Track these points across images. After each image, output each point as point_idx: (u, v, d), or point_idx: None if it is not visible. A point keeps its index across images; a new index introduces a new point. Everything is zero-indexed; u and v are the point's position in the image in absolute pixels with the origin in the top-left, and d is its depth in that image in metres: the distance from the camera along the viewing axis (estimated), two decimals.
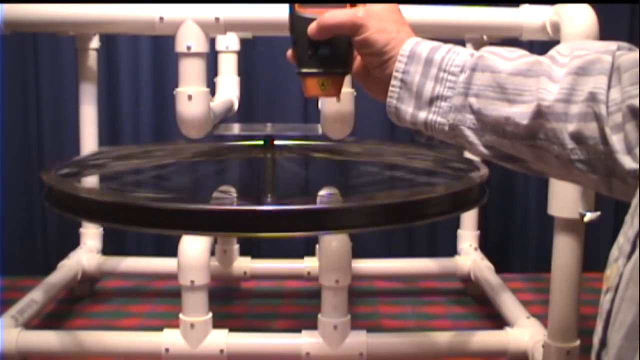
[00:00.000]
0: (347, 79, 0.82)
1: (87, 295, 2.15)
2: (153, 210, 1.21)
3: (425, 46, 0.70)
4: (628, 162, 0.56)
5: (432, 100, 0.68)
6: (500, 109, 0.64)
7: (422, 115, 0.69)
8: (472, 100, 0.66)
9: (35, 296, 1.78)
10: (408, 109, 0.70)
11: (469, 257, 2.15)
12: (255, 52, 2.35)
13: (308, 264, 2.09)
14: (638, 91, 0.54)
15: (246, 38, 2.13)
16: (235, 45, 2.08)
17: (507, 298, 1.85)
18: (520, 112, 0.62)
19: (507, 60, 0.68)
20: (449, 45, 0.70)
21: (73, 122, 2.13)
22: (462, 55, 0.69)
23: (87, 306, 2.09)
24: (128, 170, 1.63)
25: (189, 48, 1.43)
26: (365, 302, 2.09)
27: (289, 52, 0.84)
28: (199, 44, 1.44)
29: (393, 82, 0.70)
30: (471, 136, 0.67)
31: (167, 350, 1.55)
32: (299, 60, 0.83)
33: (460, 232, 2.21)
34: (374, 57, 0.71)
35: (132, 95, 2.38)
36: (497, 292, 1.91)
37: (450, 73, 0.68)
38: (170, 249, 1.77)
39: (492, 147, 0.67)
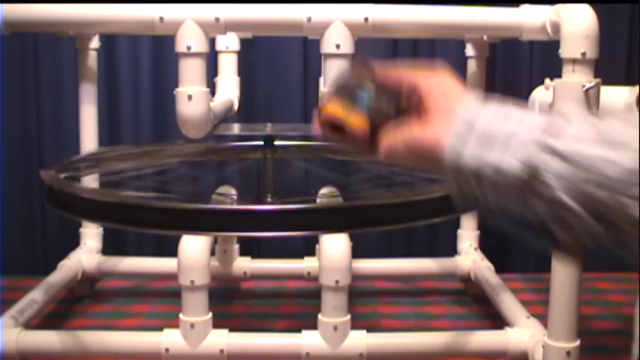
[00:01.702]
0: None
1: (87, 295, 2.15)
2: (153, 210, 1.21)
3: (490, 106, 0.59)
4: None
5: (505, 139, 0.54)
6: (597, 151, 0.49)
7: (491, 155, 0.54)
8: (557, 143, 0.51)
9: (35, 296, 1.78)
10: (470, 150, 0.55)
11: (469, 257, 2.15)
12: (255, 52, 2.34)
13: (308, 264, 2.09)
14: None
15: (246, 38, 2.13)
16: (235, 45, 2.08)
17: (507, 298, 1.86)
18: (626, 157, 0.48)
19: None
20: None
21: (73, 122, 2.13)
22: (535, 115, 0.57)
23: (87, 306, 2.09)
24: (128, 171, 1.63)
25: (189, 48, 1.43)
26: (365, 302, 2.09)
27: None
28: (199, 44, 1.44)
29: (454, 120, 0.56)
30: (550, 178, 0.52)
31: (167, 350, 1.55)
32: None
33: (460, 232, 2.21)
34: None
35: (132, 95, 2.38)
36: (497, 292, 1.91)
37: (525, 109, 0.56)
38: (170, 249, 1.77)
39: (582, 200, 0.51)
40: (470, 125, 0.54)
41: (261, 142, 1.55)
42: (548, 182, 0.51)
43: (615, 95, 1.75)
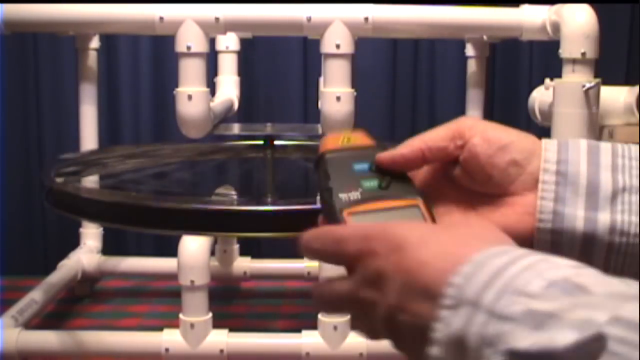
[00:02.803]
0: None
1: (87, 295, 2.15)
2: (153, 210, 1.21)
3: (577, 139, 0.50)
4: None
5: (615, 195, 0.47)
6: None
7: (603, 216, 0.47)
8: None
9: (35, 296, 1.78)
10: (576, 211, 0.47)
11: None
12: (255, 52, 2.34)
13: (308, 264, 2.09)
14: None
15: (246, 38, 2.13)
16: (235, 45, 2.08)
17: None
18: None
19: None
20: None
21: (73, 122, 2.13)
22: (634, 145, 0.49)
23: (87, 306, 2.09)
24: (128, 171, 1.63)
25: (189, 48, 1.43)
26: None
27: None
28: (199, 44, 1.44)
29: (544, 176, 0.48)
30: None
31: (167, 350, 1.55)
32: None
33: None
34: (502, 152, 0.49)
35: (132, 95, 2.38)
36: None
37: (633, 158, 0.48)
38: (170, 249, 1.77)
39: None
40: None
41: (261, 142, 1.55)
42: None
43: (615, 95, 1.75)
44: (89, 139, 2.04)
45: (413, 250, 0.39)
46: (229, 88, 2.04)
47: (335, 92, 1.46)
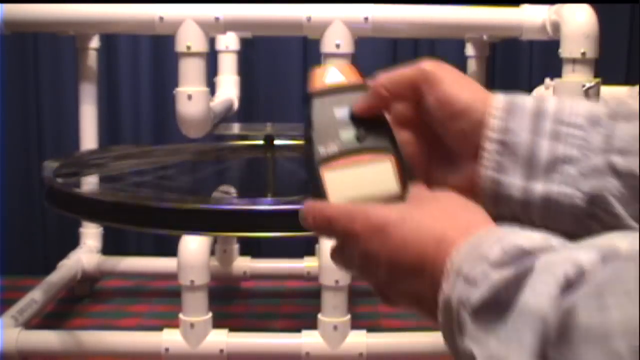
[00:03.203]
0: None
1: (87, 295, 2.15)
2: (153, 210, 1.21)
3: (525, 98, 0.50)
4: None
5: (552, 165, 0.48)
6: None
7: (538, 187, 0.48)
8: (616, 159, 0.46)
9: (35, 296, 1.78)
10: (514, 180, 0.49)
11: None
12: (255, 52, 2.34)
13: (308, 264, 2.09)
14: None
15: (246, 38, 2.13)
16: (235, 45, 2.08)
17: None
18: None
19: None
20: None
21: (73, 122, 2.13)
22: (583, 105, 0.50)
23: (87, 306, 2.09)
24: (128, 170, 1.63)
25: (189, 48, 1.43)
26: (365, 302, 2.09)
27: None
28: (199, 44, 1.44)
29: (487, 145, 0.49)
30: (617, 207, 0.47)
31: (167, 350, 1.55)
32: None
33: None
34: (453, 121, 0.50)
35: (132, 95, 2.38)
36: None
37: (574, 126, 0.48)
38: (170, 249, 1.77)
39: None
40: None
41: (261, 142, 1.55)
42: (611, 204, 0.47)
43: (615, 95, 1.75)
44: (89, 139, 2.04)
45: (394, 230, 0.44)
46: (229, 88, 2.04)
47: None
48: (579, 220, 0.48)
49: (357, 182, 0.49)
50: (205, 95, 1.47)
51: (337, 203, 0.48)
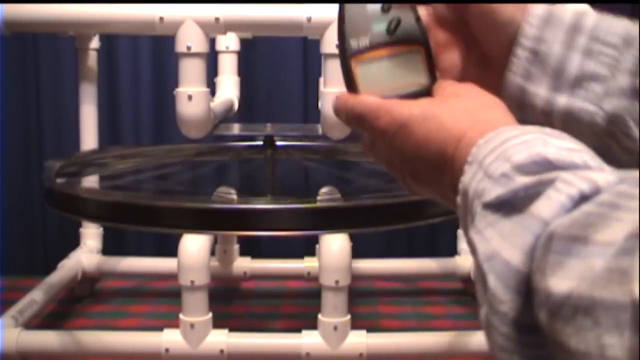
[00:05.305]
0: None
1: (87, 295, 2.15)
2: (153, 210, 1.21)
3: (566, 10, 0.50)
4: None
5: (579, 80, 0.48)
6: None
7: (562, 100, 0.48)
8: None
9: (35, 296, 1.78)
10: (539, 89, 0.49)
11: (469, 257, 2.15)
12: (255, 52, 2.34)
13: (308, 264, 2.09)
14: None
15: (246, 38, 2.13)
16: (235, 45, 2.08)
17: None
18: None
19: None
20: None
21: (73, 122, 2.13)
22: (622, 24, 0.51)
23: (87, 306, 2.09)
24: (128, 170, 1.63)
25: (189, 48, 1.43)
26: (365, 302, 2.09)
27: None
28: (199, 44, 1.44)
29: (518, 51, 0.49)
30: (635, 130, 0.47)
31: (167, 350, 1.55)
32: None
33: (460, 232, 2.21)
34: (493, 32, 0.50)
35: (132, 95, 2.38)
36: None
37: (608, 44, 0.48)
38: (170, 249, 1.77)
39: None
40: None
41: (261, 142, 1.55)
42: (630, 127, 0.47)
43: None
44: (89, 139, 2.04)
45: (416, 126, 0.47)
46: (229, 88, 2.04)
47: (336, 92, 1.46)
48: (598, 137, 0.48)
49: (387, 73, 0.50)
50: (205, 95, 1.47)
51: (366, 97, 0.50)
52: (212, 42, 1.72)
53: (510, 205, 0.38)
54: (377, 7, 0.51)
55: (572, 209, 0.35)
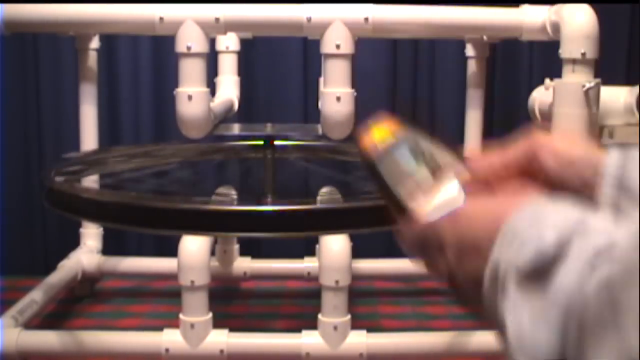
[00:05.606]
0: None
1: (87, 295, 2.15)
2: (153, 210, 1.21)
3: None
4: None
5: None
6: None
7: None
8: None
9: (35, 296, 1.78)
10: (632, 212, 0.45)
11: None
12: (255, 52, 2.34)
13: (308, 264, 2.09)
14: None
15: (246, 38, 2.13)
16: (235, 45, 2.08)
17: None
18: None
19: None
20: None
21: (73, 122, 2.13)
22: None
23: (87, 306, 2.09)
24: (128, 171, 1.63)
25: (189, 48, 1.43)
26: (365, 302, 2.09)
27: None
28: (199, 44, 1.44)
29: (604, 189, 0.47)
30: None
31: (167, 350, 1.55)
32: None
33: None
34: (568, 167, 0.49)
35: (132, 95, 2.38)
36: None
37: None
38: (170, 249, 1.77)
39: None
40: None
41: (261, 142, 1.55)
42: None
43: (615, 96, 1.75)
44: (89, 139, 2.04)
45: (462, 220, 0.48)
46: (229, 88, 2.04)
47: (335, 92, 1.46)
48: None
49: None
50: (205, 95, 1.47)
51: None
52: (212, 42, 1.71)
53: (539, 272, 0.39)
54: (407, 157, 0.53)
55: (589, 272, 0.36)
